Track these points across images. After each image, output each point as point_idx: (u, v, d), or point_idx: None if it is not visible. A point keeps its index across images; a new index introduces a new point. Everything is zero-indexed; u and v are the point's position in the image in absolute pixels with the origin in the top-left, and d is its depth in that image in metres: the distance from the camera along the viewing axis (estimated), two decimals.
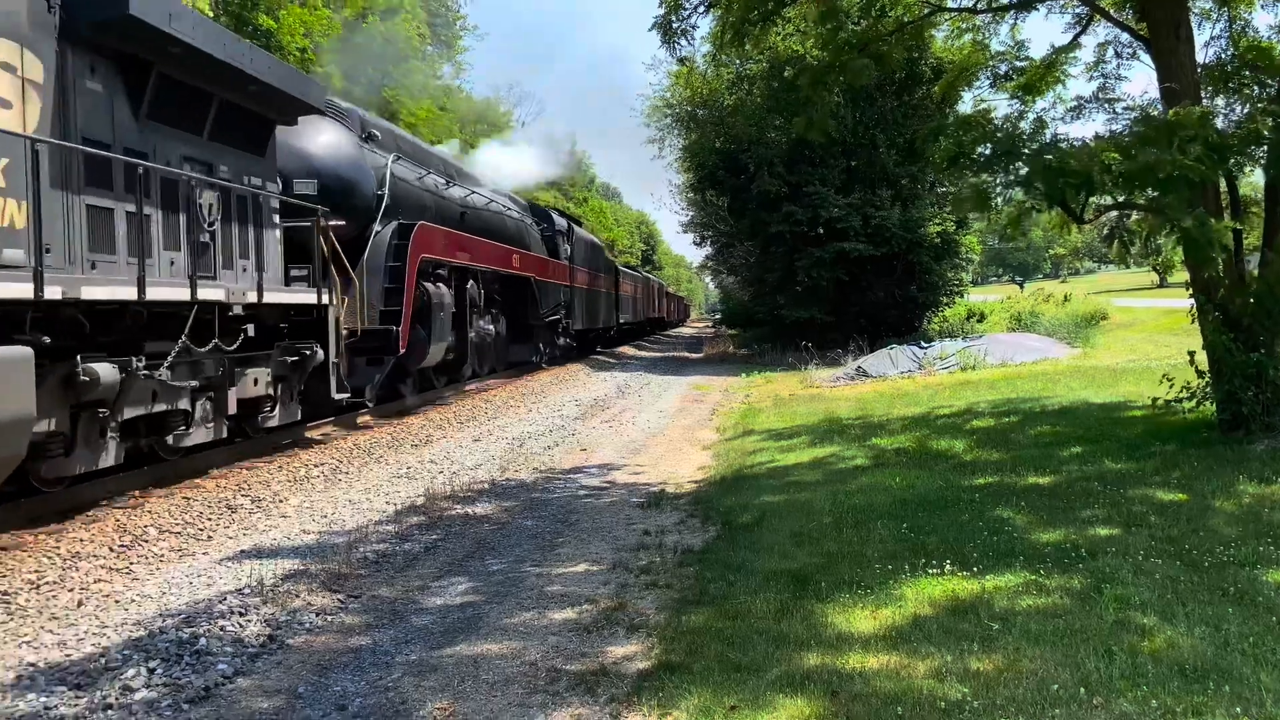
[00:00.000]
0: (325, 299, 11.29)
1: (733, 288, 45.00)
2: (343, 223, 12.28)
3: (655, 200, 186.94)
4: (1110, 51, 11.16)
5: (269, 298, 9.87)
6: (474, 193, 19.08)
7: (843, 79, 11.07)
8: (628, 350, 37.65)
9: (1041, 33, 69.94)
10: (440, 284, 15.14)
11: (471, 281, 17.29)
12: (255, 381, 9.94)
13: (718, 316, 57.60)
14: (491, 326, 19.15)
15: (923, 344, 21.61)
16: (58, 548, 6.57)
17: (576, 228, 29.19)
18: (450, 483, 9.12)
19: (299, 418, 11.27)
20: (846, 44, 10.66)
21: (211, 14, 21.49)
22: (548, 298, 23.03)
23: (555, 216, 26.52)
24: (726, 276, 45.39)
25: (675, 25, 10.60)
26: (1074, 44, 11.10)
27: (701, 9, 10.67)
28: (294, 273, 11.22)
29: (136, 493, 8.33)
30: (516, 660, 4.46)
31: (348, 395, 11.99)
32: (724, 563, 5.90)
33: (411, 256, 13.67)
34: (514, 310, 21.10)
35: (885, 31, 11.02)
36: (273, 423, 10.63)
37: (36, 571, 6.04)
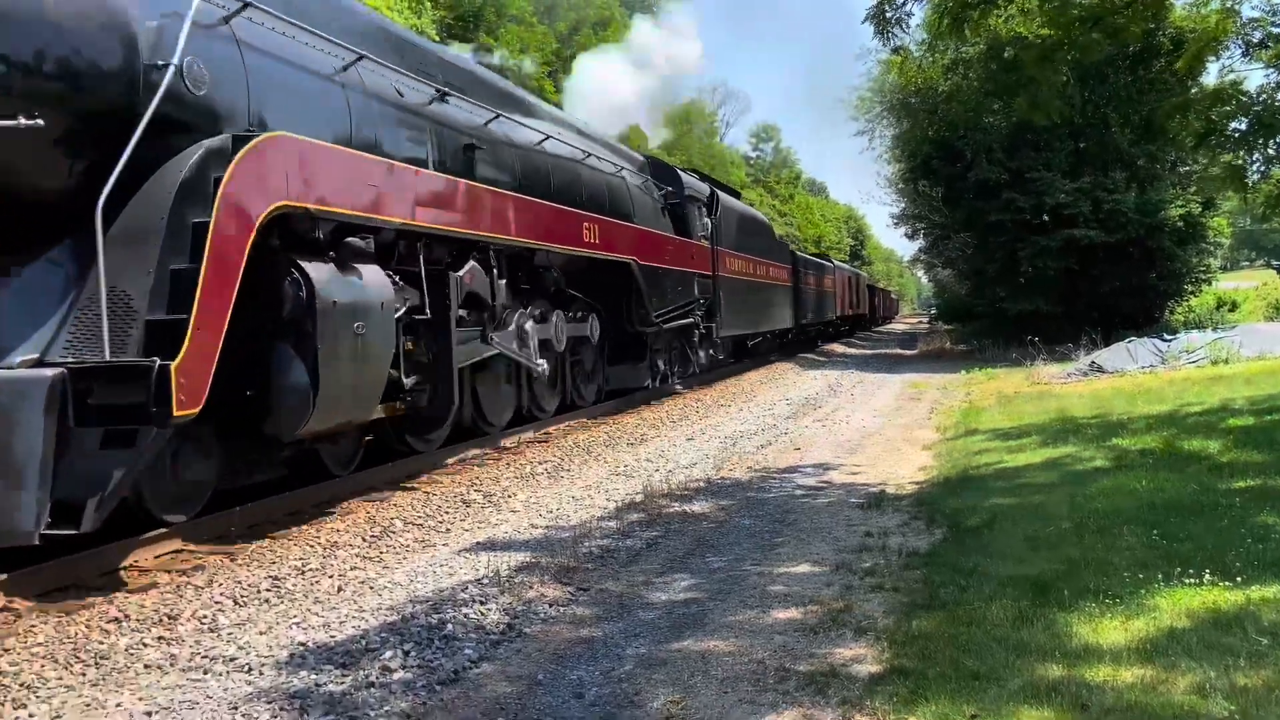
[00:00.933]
0: None
1: (948, 281, 43.48)
2: (39, 123, 5.57)
3: (862, 195, 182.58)
4: None
5: None
6: (505, 117, 11.38)
7: (1071, 55, 10.45)
8: (836, 348, 37.08)
9: None
10: (362, 265, 7.81)
11: (473, 264, 10.07)
12: None
13: (932, 311, 55.72)
14: (531, 341, 11.53)
15: (1165, 336, 20.08)
16: (318, 537, 7.19)
17: (725, 196, 21.52)
18: (667, 480, 9.28)
19: None
20: (1077, 19, 10.05)
21: (438, 38, 22.90)
22: (667, 292, 16.27)
23: (687, 178, 19.28)
24: (941, 270, 43.89)
25: (889, 15, 10.32)
26: None
27: None
28: None
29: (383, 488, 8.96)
30: (744, 658, 4.49)
31: None
32: (953, 566, 5.70)
33: (233, 204, 6.21)
34: (610, 312, 14.67)
35: (1121, 3, 10.30)
36: None
37: (301, 559, 6.62)
